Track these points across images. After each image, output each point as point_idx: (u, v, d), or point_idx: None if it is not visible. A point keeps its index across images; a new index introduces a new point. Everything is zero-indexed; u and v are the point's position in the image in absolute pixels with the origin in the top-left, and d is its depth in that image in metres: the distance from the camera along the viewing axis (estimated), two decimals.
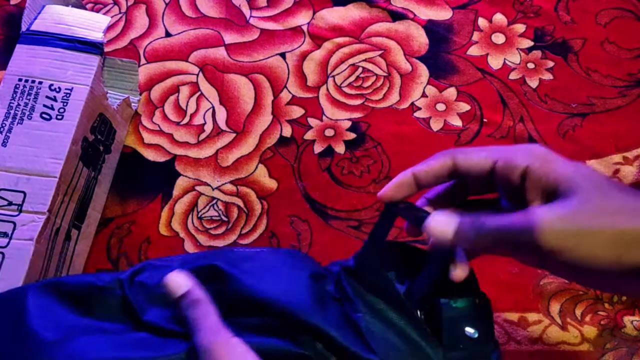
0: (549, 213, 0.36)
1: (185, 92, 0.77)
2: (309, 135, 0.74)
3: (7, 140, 0.59)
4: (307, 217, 0.70)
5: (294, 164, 0.73)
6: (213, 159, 0.73)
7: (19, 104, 0.61)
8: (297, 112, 0.76)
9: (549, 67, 0.79)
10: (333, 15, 0.83)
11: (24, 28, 0.64)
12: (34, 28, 0.64)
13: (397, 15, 0.83)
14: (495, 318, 0.64)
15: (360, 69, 0.79)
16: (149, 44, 0.80)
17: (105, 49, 0.78)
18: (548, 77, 0.78)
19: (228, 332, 0.39)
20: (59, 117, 0.60)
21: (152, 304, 0.43)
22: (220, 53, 0.80)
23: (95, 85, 0.63)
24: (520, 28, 0.82)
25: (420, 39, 0.81)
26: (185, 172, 0.72)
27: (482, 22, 0.82)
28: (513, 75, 0.78)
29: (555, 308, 0.64)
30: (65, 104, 0.61)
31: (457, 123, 0.75)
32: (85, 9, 0.71)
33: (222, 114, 0.75)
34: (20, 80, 0.62)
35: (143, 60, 0.79)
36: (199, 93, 0.77)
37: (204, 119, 0.75)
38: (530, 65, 0.79)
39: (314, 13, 0.83)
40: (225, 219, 0.69)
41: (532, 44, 0.81)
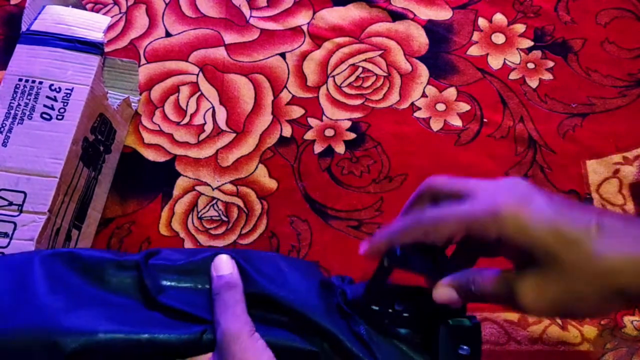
0: (528, 286, 0.38)
1: (185, 92, 0.77)
2: (309, 135, 0.74)
3: (7, 140, 0.59)
4: (307, 217, 0.70)
5: (294, 164, 0.73)
6: (213, 159, 0.73)
7: (19, 104, 0.61)
8: (297, 112, 0.76)
9: (549, 67, 0.79)
10: (333, 15, 0.83)
11: (24, 28, 0.64)
12: (34, 28, 0.64)
13: (397, 15, 0.83)
14: (495, 318, 0.64)
15: (360, 69, 0.79)
16: (149, 44, 0.80)
17: (106, 49, 0.78)
18: (548, 77, 0.78)
19: (252, 326, 0.40)
20: (60, 117, 0.60)
21: (167, 285, 0.44)
22: (220, 53, 0.80)
23: (96, 86, 0.63)
24: (520, 28, 0.82)
25: (420, 39, 0.81)
26: (186, 172, 0.72)
27: (482, 22, 0.82)
28: (513, 75, 0.78)
29: None
30: (66, 104, 0.61)
31: (457, 123, 0.75)
32: (85, 9, 0.72)
33: (222, 114, 0.75)
34: (21, 80, 0.62)
35: (143, 60, 0.79)
36: (199, 93, 0.77)
37: (204, 119, 0.75)
38: (530, 65, 0.79)
39: (314, 13, 0.83)
40: (225, 219, 0.69)
41: (532, 44, 0.81)
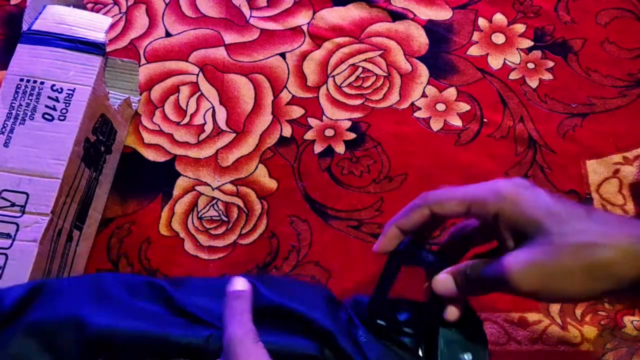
0: (517, 260, 0.39)
1: (185, 92, 0.77)
2: (309, 135, 0.74)
3: (9, 141, 0.59)
4: (307, 217, 0.70)
5: (294, 164, 0.73)
6: (213, 159, 0.73)
7: (21, 104, 0.60)
8: (297, 112, 0.76)
9: (549, 67, 0.79)
10: (333, 15, 0.83)
11: (25, 27, 0.64)
12: (36, 28, 0.64)
13: (397, 15, 0.83)
14: (495, 318, 0.64)
15: (360, 69, 0.79)
16: (149, 44, 0.80)
17: (106, 49, 0.79)
18: (548, 77, 0.78)
19: (256, 334, 0.42)
20: (62, 117, 0.60)
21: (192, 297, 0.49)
22: (220, 53, 0.80)
23: (97, 86, 0.63)
24: (520, 28, 0.82)
25: (420, 39, 0.81)
26: (186, 172, 0.72)
27: (482, 22, 0.82)
28: (513, 75, 0.78)
29: (555, 308, 0.65)
30: (68, 105, 0.61)
31: (457, 123, 0.75)
32: (86, 9, 0.71)
33: (222, 114, 0.75)
34: (22, 81, 0.62)
35: (143, 60, 0.79)
36: (199, 93, 0.77)
37: (204, 119, 0.75)
38: (530, 65, 0.79)
39: (314, 13, 0.83)
40: (225, 219, 0.69)
41: (532, 44, 0.81)
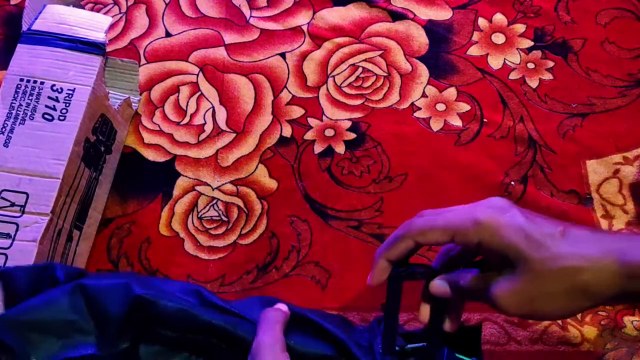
0: (502, 289, 0.42)
1: (185, 92, 0.77)
2: (309, 135, 0.74)
3: (9, 141, 0.59)
4: (307, 217, 0.70)
5: (294, 164, 0.73)
6: (213, 159, 0.73)
7: (21, 104, 0.61)
8: (297, 112, 0.76)
9: (549, 67, 0.79)
10: (333, 15, 0.83)
11: (25, 28, 0.64)
12: (35, 28, 0.64)
13: (397, 15, 0.83)
14: (496, 318, 0.64)
15: (360, 69, 0.79)
16: (149, 44, 0.80)
17: (106, 49, 0.79)
18: (548, 77, 0.78)
19: (284, 346, 0.45)
20: (62, 117, 0.60)
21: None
22: (220, 53, 0.80)
23: (97, 86, 0.63)
24: (520, 28, 0.82)
25: (420, 39, 0.81)
26: (185, 172, 0.72)
27: (482, 22, 0.82)
28: (513, 75, 0.78)
29: None
30: (68, 105, 0.61)
31: (457, 123, 0.75)
32: (83, 9, 0.71)
33: (222, 114, 0.75)
34: (22, 81, 0.62)
35: (143, 60, 0.79)
36: (199, 93, 0.77)
37: (204, 119, 0.75)
38: (530, 65, 0.79)
39: (314, 13, 0.83)
40: (225, 219, 0.69)
41: (532, 44, 0.81)
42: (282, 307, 0.51)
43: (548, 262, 0.40)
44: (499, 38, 0.81)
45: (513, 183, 0.71)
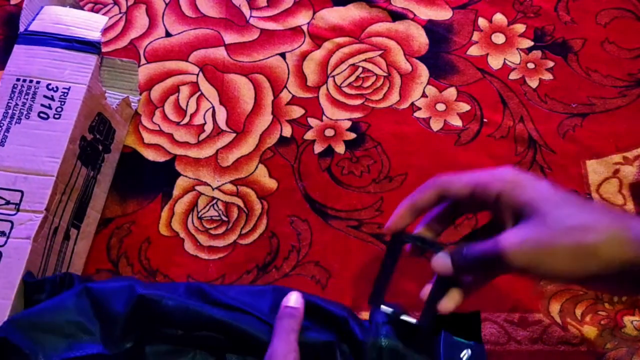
0: (513, 236, 0.43)
1: (185, 92, 0.77)
2: (309, 135, 0.74)
3: (5, 140, 0.59)
4: (307, 217, 0.69)
5: (294, 164, 0.72)
6: (213, 159, 0.73)
7: (17, 104, 0.61)
8: (297, 112, 0.76)
9: (549, 67, 0.79)
10: (333, 15, 0.82)
11: (22, 28, 0.64)
12: (32, 28, 0.64)
13: (397, 15, 0.83)
14: (496, 318, 0.64)
15: (360, 69, 0.79)
16: (149, 44, 0.80)
17: (106, 49, 0.79)
18: (548, 77, 0.78)
19: (298, 355, 0.46)
20: (57, 116, 0.60)
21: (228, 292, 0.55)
22: (220, 53, 0.80)
23: (93, 85, 0.63)
24: (520, 28, 0.82)
25: (420, 39, 0.81)
26: (185, 172, 0.72)
27: (482, 22, 0.82)
28: (513, 75, 0.78)
29: (555, 308, 0.64)
30: (63, 103, 0.61)
31: (457, 123, 0.75)
32: (82, 9, 0.72)
33: (222, 114, 0.75)
34: (19, 80, 0.62)
35: (143, 60, 0.79)
36: (199, 93, 0.77)
37: (204, 119, 0.75)
38: (530, 65, 0.79)
39: (314, 13, 0.83)
40: (225, 219, 0.69)
41: (532, 44, 0.81)
42: (296, 307, 0.51)
43: (562, 218, 0.42)
44: (499, 38, 0.81)
45: None
